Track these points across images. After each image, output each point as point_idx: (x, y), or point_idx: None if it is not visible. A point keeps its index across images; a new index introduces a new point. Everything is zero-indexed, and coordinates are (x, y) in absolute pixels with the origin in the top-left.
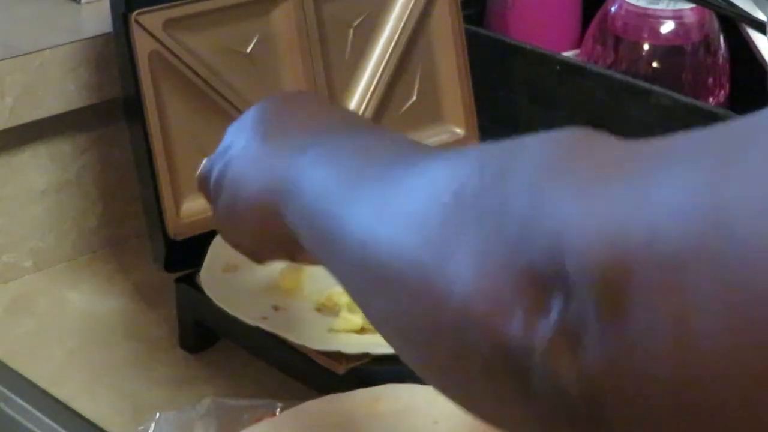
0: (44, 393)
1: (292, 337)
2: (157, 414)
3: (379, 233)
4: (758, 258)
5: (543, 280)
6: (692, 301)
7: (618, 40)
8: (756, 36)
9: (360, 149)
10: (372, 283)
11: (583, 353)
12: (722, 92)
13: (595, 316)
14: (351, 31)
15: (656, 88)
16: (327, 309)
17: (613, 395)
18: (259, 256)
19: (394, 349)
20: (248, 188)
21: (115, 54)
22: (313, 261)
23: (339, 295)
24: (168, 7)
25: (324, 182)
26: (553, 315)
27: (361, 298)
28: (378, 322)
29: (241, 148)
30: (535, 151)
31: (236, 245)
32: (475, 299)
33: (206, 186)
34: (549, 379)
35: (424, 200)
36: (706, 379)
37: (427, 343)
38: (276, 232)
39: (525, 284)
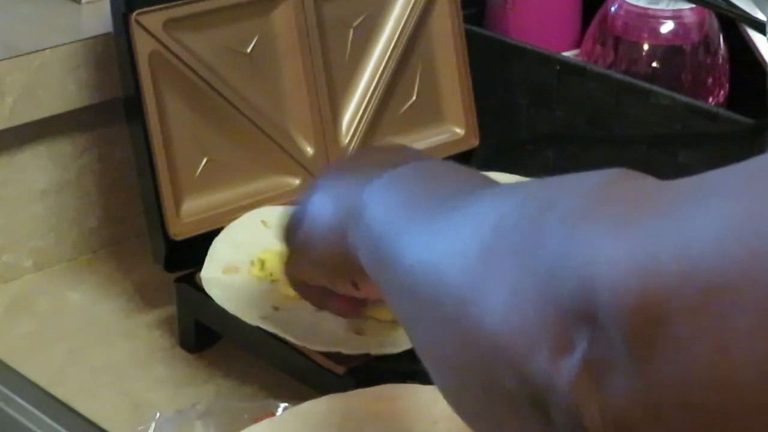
0: (44, 393)
1: (292, 337)
2: (157, 414)
3: (426, 260)
4: None
5: (570, 316)
6: (732, 330)
7: (618, 40)
8: (756, 36)
9: (427, 181)
10: (416, 309)
11: (608, 390)
12: (722, 92)
13: (625, 352)
14: (351, 31)
15: (656, 88)
16: None
17: (641, 428)
18: (321, 301)
19: (434, 381)
20: (323, 215)
21: (115, 54)
22: (376, 293)
23: None
24: (168, 7)
25: (387, 207)
26: (578, 353)
27: (407, 324)
28: (420, 351)
29: (322, 187)
30: (573, 189)
31: (303, 285)
32: (503, 333)
33: (289, 230)
34: (571, 416)
35: (468, 231)
36: (745, 408)
37: (459, 374)
38: (343, 258)
39: (552, 320)
